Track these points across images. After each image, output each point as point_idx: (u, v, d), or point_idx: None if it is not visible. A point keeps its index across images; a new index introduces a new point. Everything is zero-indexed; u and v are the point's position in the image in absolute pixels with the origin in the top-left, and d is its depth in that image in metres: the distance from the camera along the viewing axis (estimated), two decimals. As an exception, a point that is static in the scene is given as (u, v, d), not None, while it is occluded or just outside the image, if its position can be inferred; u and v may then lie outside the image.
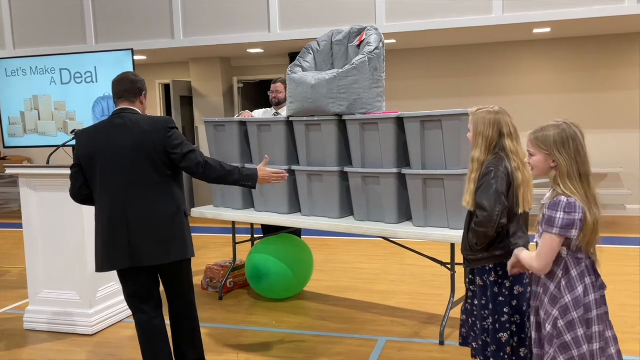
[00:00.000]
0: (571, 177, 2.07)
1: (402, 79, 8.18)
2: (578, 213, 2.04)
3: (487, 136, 2.50)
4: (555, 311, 2.13)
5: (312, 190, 4.10)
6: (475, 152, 2.52)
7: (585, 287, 2.12)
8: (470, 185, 2.51)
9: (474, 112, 2.57)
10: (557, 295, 2.14)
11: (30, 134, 5.97)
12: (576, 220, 2.04)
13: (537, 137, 2.13)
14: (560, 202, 2.06)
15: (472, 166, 2.53)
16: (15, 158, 9.47)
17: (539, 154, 2.13)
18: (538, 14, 6.20)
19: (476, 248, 2.54)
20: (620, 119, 7.57)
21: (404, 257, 5.61)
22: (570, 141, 2.08)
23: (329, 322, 4.10)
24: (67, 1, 7.77)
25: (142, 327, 2.93)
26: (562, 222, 2.05)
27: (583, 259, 2.13)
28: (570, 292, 2.12)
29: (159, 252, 2.81)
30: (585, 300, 2.11)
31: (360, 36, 4.03)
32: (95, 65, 5.71)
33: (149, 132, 2.81)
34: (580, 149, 2.08)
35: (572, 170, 2.07)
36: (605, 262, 2.27)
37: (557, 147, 2.08)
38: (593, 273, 2.16)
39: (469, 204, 2.53)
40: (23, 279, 4.88)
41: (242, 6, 7.14)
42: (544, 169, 2.14)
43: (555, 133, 2.09)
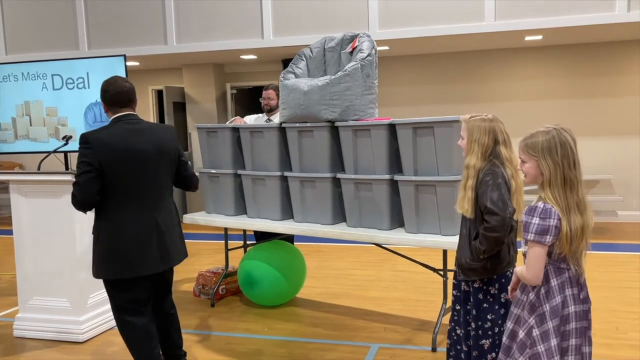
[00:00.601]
0: (553, 185, 2.06)
1: (395, 86, 8.21)
2: (553, 219, 2.02)
3: (482, 143, 2.50)
4: (531, 319, 2.11)
5: (305, 197, 4.10)
6: (471, 158, 2.51)
7: (565, 298, 2.09)
8: (468, 193, 2.49)
9: (467, 119, 2.57)
10: (535, 304, 2.12)
11: (21, 139, 5.94)
12: (551, 226, 2.02)
13: (527, 144, 2.13)
14: (537, 208, 2.05)
15: (468, 173, 2.51)
16: (6, 164, 9.42)
17: (529, 160, 2.12)
18: (529, 21, 6.25)
19: (483, 256, 2.49)
20: (611, 125, 7.62)
21: (397, 264, 5.62)
22: (559, 147, 2.06)
23: (322, 329, 4.09)
24: (59, 7, 7.75)
25: (142, 330, 2.95)
26: (537, 228, 2.03)
27: (565, 269, 2.11)
28: (548, 302, 2.10)
29: (181, 252, 3.06)
30: (564, 311, 2.09)
31: (352, 43, 4.04)
32: (87, 71, 5.69)
33: (165, 138, 2.96)
34: (569, 155, 2.06)
35: (555, 177, 2.05)
36: (596, 268, 2.28)
37: (543, 154, 2.07)
38: (576, 285, 2.13)
39: (468, 212, 2.50)
40: (13, 285, 4.84)
41: (235, 13, 7.16)
42: (536, 176, 2.12)
43: (544, 139, 2.08)
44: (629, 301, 4.45)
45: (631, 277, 5.09)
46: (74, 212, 3.84)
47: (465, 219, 2.60)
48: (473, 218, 2.51)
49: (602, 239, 6.58)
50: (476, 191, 2.48)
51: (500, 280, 2.55)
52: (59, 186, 3.86)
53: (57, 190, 3.87)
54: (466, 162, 2.53)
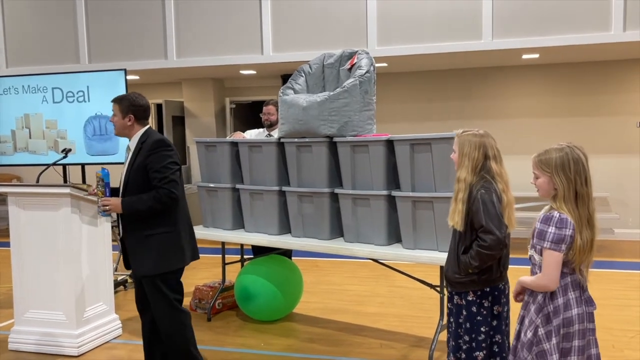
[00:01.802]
0: (567, 200, 2.15)
1: (393, 102, 8.27)
2: (569, 229, 2.12)
3: (473, 158, 2.56)
4: (538, 319, 2.20)
5: (303, 211, 4.11)
6: (462, 172, 2.57)
7: (568, 300, 2.18)
8: (459, 206, 2.54)
9: (460, 134, 2.65)
10: (542, 304, 2.21)
11: (20, 152, 5.95)
12: (566, 235, 2.11)
13: (540, 160, 2.22)
14: (553, 217, 2.14)
15: (459, 186, 2.57)
16: (4, 176, 9.41)
17: (543, 176, 2.21)
18: (527, 40, 6.32)
19: (472, 270, 2.54)
20: (607, 144, 7.67)
21: (394, 279, 5.61)
22: (572, 164, 2.15)
23: (318, 344, 4.08)
24: (61, 21, 7.81)
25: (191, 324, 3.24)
26: (553, 237, 2.12)
27: (568, 274, 2.19)
28: (552, 302, 2.19)
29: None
30: (567, 313, 2.17)
31: (351, 60, 4.08)
32: (87, 85, 5.73)
33: None
34: (581, 171, 2.16)
35: (568, 192, 2.15)
36: (593, 286, 2.30)
37: (556, 170, 2.16)
38: (578, 289, 2.21)
39: (458, 224, 2.55)
40: (9, 298, 4.82)
41: (235, 28, 7.22)
42: (549, 190, 2.21)
43: (558, 156, 2.17)
44: (626, 319, 4.45)
45: (628, 295, 5.10)
46: (72, 225, 3.86)
47: (453, 231, 2.65)
48: (462, 231, 2.56)
49: (598, 257, 6.54)
50: (467, 205, 2.52)
51: (493, 293, 2.60)
52: (58, 199, 3.87)
53: (56, 203, 3.87)
54: (457, 175, 2.60)
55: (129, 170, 3.14)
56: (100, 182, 3.14)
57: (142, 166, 3.07)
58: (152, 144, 3.09)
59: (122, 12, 7.58)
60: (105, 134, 5.68)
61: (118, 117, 3.19)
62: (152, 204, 3.01)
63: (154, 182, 3.04)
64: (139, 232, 3.09)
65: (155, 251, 3.06)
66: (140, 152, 3.11)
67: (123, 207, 3.06)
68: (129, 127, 3.19)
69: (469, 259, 2.53)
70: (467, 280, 2.58)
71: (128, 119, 3.18)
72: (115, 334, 4.25)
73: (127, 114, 3.17)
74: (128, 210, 3.06)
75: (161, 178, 3.03)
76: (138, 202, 3.04)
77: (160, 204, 3.03)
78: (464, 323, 2.61)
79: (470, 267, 2.54)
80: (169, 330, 3.14)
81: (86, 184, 4.22)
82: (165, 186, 3.02)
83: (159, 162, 3.05)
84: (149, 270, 3.07)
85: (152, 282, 3.09)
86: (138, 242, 3.10)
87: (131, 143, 3.22)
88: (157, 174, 3.04)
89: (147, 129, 3.22)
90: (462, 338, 2.62)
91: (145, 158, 3.07)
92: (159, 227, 3.08)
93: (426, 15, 6.58)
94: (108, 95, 5.65)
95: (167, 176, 3.04)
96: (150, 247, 3.07)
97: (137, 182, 3.08)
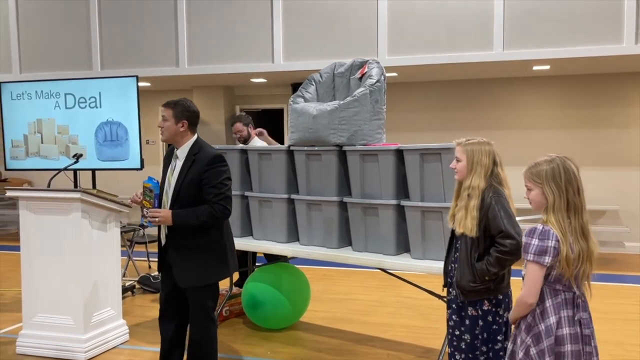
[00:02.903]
0: (557, 209, 2.13)
1: (403, 112, 8.27)
2: (552, 240, 2.09)
3: (484, 164, 2.61)
4: (528, 339, 2.17)
5: (311, 220, 4.11)
6: (474, 180, 2.60)
7: (560, 319, 2.14)
8: (472, 212, 2.56)
9: (464, 143, 2.68)
10: (531, 324, 2.18)
11: (32, 156, 6.00)
12: (549, 247, 2.09)
13: (532, 172, 2.21)
14: (536, 229, 2.13)
15: (471, 193, 2.59)
16: (15, 180, 9.49)
17: (535, 187, 2.19)
18: (538, 51, 6.31)
19: (489, 277, 2.56)
20: (618, 156, 7.62)
21: (401, 289, 5.59)
22: (563, 173, 2.14)
23: (325, 353, 4.06)
24: (74, 28, 7.90)
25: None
26: (536, 249, 2.10)
27: (561, 291, 2.16)
28: (543, 321, 2.15)
29: None
30: (558, 332, 2.13)
31: (362, 69, 4.09)
32: (99, 91, 5.78)
33: None
34: (572, 181, 2.14)
35: (560, 202, 2.13)
36: (603, 300, 2.28)
37: (547, 180, 2.15)
38: (572, 307, 2.16)
39: (472, 231, 2.56)
40: (17, 302, 4.84)
41: (246, 37, 7.27)
42: (541, 202, 2.19)
43: (548, 167, 2.16)
44: (636, 334, 4.39)
45: (638, 309, 5.04)
46: (82, 230, 3.88)
47: (462, 240, 2.65)
48: (476, 237, 2.57)
49: (608, 270, 6.53)
50: (481, 212, 2.55)
51: (505, 300, 2.63)
52: (68, 204, 3.89)
53: (66, 208, 3.90)
54: (468, 183, 2.62)
55: (180, 181, 3.10)
56: (149, 193, 3.10)
57: (197, 180, 3.06)
58: (211, 159, 3.08)
59: (135, 20, 7.66)
60: (116, 140, 5.72)
61: (170, 123, 3.13)
62: (206, 219, 3.02)
63: (209, 196, 3.04)
64: (185, 243, 3.09)
65: (202, 263, 3.09)
66: (194, 164, 3.09)
67: (174, 220, 3.03)
68: (180, 133, 3.15)
69: (487, 266, 2.55)
70: (483, 288, 2.58)
71: (181, 124, 3.13)
72: (122, 340, 4.25)
73: (181, 119, 3.13)
74: (180, 223, 3.04)
75: (217, 194, 3.04)
76: (191, 216, 3.02)
77: (213, 220, 3.05)
78: (480, 334, 2.60)
79: (488, 273, 2.55)
80: (200, 338, 3.16)
81: (96, 189, 4.25)
82: (221, 202, 3.04)
83: (216, 177, 3.05)
84: (194, 282, 3.10)
85: (198, 292, 3.11)
86: (184, 253, 3.10)
87: (180, 152, 3.17)
88: (213, 190, 3.04)
89: (198, 139, 3.20)
90: (478, 349, 2.61)
91: (201, 173, 3.05)
92: (206, 239, 3.10)
93: (437, 26, 6.59)
94: (120, 102, 5.72)
95: (223, 192, 3.06)
96: (197, 259, 3.09)
97: (190, 195, 3.06)
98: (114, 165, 5.72)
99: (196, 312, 3.15)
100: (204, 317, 3.15)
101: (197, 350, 3.20)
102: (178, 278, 3.11)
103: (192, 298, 3.14)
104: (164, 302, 3.26)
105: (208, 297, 3.15)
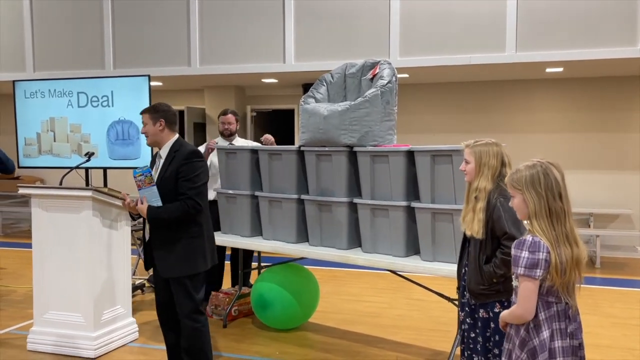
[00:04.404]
0: (539, 217, 2.06)
1: (414, 113, 8.24)
2: (542, 252, 2.02)
3: (492, 166, 2.62)
4: (523, 354, 2.11)
5: (321, 221, 4.10)
6: (481, 181, 2.61)
7: (553, 332, 2.08)
8: (479, 215, 2.57)
9: (472, 144, 2.68)
10: (525, 338, 2.11)
11: (44, 154, 6.05)
12: (540, 259, 2.01)
13: (512, 179, 2.15)
14: (525, 241, 2.05)
15: (479, 195, 2.59)
16: (28, 178, 9.57)
17: (516, 195, 2.13)
18: (551, 53, 6.26)
19: (497, 279, 2.56)
20: (632, 160, 7.53)
21: (411, 292, 5.56)
22: (542, 178, 2.07)
23: (333, 355, 4.05)
24: (87, 28, 7.95)
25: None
26: (526, 262, 2.02)
27: (554, 303, 2.09)
28: (537, 336, 2.09)
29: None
30: (552, 345, 2.07)
31: (373, 70, 4.08)
32: (112, 90, 5.81)
33: None
34: (552, 186, 2.06)
35: (540, 209, 2.06)
36: (615, 305, 2.25)
37: (527, 187, 2.08)
38: (564, 319, 2.10)
39: (479, 233, 2.56)
40: (29, 299, 4.88)
41: (258, 37, 7.28)
42: (524, 210, 2.12)
43: (527, 173, 2.10)
44: (649, 339, 4.34)
45: (651, 314, 4.98)
46: (93, 228, 3.90)
47: (471, 242, 2.65)
48: (483, 239, 2.57)
49: (621, 275, 6.46)
50: (486, 213, 2.55)
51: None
52: (80, 201, 3.91)
53: (78, 206, 3.92)
54: (475, 185, 2.63)
55: (160, 176, 3.21)
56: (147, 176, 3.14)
57: (174, 174, 3.16)
58: (188, 154, 3.18)
59: (147, 20, 7.70)
60: (127, 139, 5.75)
61: (149, 125, 3.26)
62: (178, 214, 3.11)
63: (183, 189, 3.13)
64: (165, 236, 3.18)
65: (182, 254, 3.17)
66: (174, 160, 3.19)
67: (149, 214, 3.13)
68: (160, 132, 3.26)
69: (494, 268, 2.55)
70: (492, 291, 2.59)
71: (159, 124, 3.25)
72: (132, 338, 4.27)
73: (158, 119, 3.25)
74: (154, 217, 3.14)
75: (190, 187, 3.13)
76: (164, 212, 3.12)
77: (185, 215, 3.13)
78: (492, 336, 2.60)
79: (495, 276, 2.55)
80: (193, 332, 3.22)
81: (107, 188, 4.26)
82: (194, 197, 3.12)
83: (192, 171, 3.15)
84: (175, 272, 3.18)
85: (180, 282, 3.18)
86: (165, 245, 3.19)
87: (162, 151, 3.28)
88: (187, 183, 3.13)
89: (179, 138, 3.30)
90: (491, 352, 2.61)
91: (178, 166, 3.15)
92: (185, 232, 3.18)
93: (449, 27, 6.56)
94: (132, 101, 5.75)
95: (197, 187, 3.15)
96: (177, 251, 3.16)
97: (168, 189, 3.15)
98: (125, 164, 5.74)
99: (184, 306, 3.20)
100: (192, 309, 3.20)
101: (191, 343, 3.24)
102: (160, 269, 3.22)
103: (178, 292, 3.20)
104: (160, 308, 3.38)
105: (193, 289, 3.20)
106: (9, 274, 6.51)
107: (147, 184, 3.14)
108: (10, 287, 5.89)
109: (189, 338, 3.23)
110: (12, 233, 9.44)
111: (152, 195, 3.14)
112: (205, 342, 3.27)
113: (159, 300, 3.36)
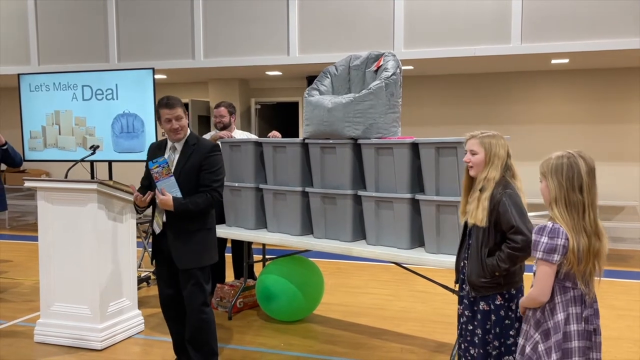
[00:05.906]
0: (557, 204, 2.14)
1: (418, 105, 8.22)
2: (561, 239, 2.09)
3: (500, 156, 2.63)
4: (537, 335, 2.19)
5: (325, 213, 4.10)
6: (491, 172, 2.61)
7: (568, 315, 2.14)
8: (484, 203, 2.57)
9: (479, 135, 2.69)
10: (540, 320, 2.19)
11: (50, 148, 6.07)
12: (559, 245, 2.09)
13: (542, 165, 2.23)
14: (546, 227, 2.13)
15: (486, 185, 2.59)
16: (33, 171, 9.62)
17: (543, 180, 2.21)
18: (557, 44, 6.22)
19: (502, 273, 2.56)
20: (637, 151, 7.50)
21: (415, 284, 5.57)
22: (565, 169, 2.14)
23: (338, 346, 4.07)
24: (92, 21, 7.96)
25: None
26: (545, 247, 2.11)
27: (570, 288, 2.16)
28: (552, 317, 2.16)
29: None
30: (566, 328, 2.13)
31: (377, 62, 4.07)
32: (116, 83, 5.81)
33: None
34: (574, 178, 2.13)
35: (560, 197, 2.13)
36: (621, 297, 2.26)
37: (550, 174, 2.16)
38: (580, 304, 2.17)
39: (482, 221, 2.56)
40: (35, 291, 4.92)
41: (261, 29, 7.26)
42: (547, 195, 2.20)
43: (554, 162, 2.17)
44: (654, 331, 4.34)
45: (656, 306, 4.97)
46: (98, 221, 3.92)
47: (472, 234, 2.65)
48: (486, 232, 2.57)
49: (627, 267, 6.44)
50: (491, 203, 2.56)
51: (518, 295, 2.63)
52: (85, 194, 3.93)
53: (83, 199, 3.94)
54: (484, 175, 2.63)
55: (179, 168, 3.22)
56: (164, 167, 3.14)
57: (198, 166, 3.20)
58: (211, 147, 3.26)
59: (151, 13, 7.69)
60: (132, 132, 5.76)
61: (185, 119, 3.28)
62: (204, 206, 3.19)
63: (207, 181, 3.19)
64: (185, 227, 3.22)
65: (200, 245, 3.23)
66: (195, 153, 3.22)
67: (175, 207, 3.13)
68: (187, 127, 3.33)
69: (498, 261, 2.55)
70: (494, 284, 2.59)
71: (187, 117, 3.33)
72: (138, 330, 4.30)
73: (186, 113, 3.32)
74: (182, 209, 3.15)
75: (215, 179, 3.21)
76: (191, 203, 3.16)
77: (210, 207, 3.24)
78: (492, 328, 2.61)
79: (498, 269, 2.55)
80: (200, 323, 3.26)
81: (113, 181, 4.28)
82: (218, 189, 3.23)
83: (215, 164, 3.24)
84: (193, 263, 3.22)
85: (193, 274, 3.22)
86: (182, 236, 3.22)
87: (178, 144, 3.29)
88: (212, 176, 3.21)
89: (192, 131, 3.37)
90: (490, 344, 2.61)
91: (202, 159, 3.20)
92: (203, 224, 3.26)
93: (454, 18, 6.53)
94: (136, 94, 5.75)
95: (220, 179, 3.26)
96: (195, 242, 3.23)
97: (190, 180, 3.19)
98: (130, 157, 5.76)
99: (194, 297, 3.24)
100: (201, 301, 3.25)
101: (197, 335, 3.27)
102: (177, 260, 3.22)
103: (189, 283, 3.23)
104: (164, 305, 3.42)
105: (204, 280, 3.27)
106: (16, 266, 6.55)
107: (165, 175, 3.15)
108: (17, 279, 5.93)
109: (195, 330, 3.26)
110: (19, 226, 9.49)
111: (171, 186, 3.15)
112: (210, 333, 3.30)
113: (165, 293, 3.38)
